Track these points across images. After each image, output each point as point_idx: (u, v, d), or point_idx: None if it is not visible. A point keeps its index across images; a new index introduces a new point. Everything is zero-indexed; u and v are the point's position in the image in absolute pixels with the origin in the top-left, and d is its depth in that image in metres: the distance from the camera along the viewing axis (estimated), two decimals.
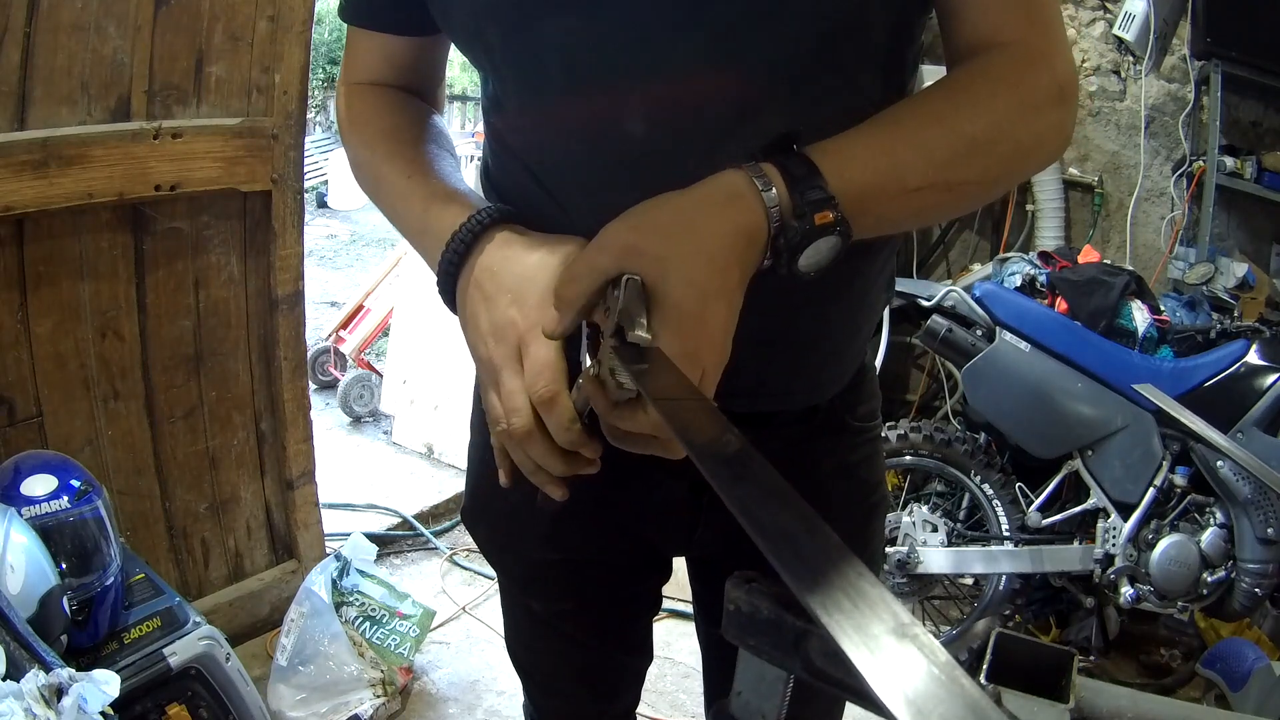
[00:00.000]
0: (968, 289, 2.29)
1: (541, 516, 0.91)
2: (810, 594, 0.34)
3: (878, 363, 2.46)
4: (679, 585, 1.03)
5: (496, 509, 0.96)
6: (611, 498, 0.87)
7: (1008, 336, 2.17)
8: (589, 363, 0.61)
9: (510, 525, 0.95)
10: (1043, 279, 2.47)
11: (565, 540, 0.92)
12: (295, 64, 1.92)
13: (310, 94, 2.07)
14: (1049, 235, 3.01)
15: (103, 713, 1.09)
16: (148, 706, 1.42)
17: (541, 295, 0.62)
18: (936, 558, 2.23)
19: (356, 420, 3.66)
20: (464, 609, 2.51)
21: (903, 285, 2.32)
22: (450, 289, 0.69)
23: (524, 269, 0.64)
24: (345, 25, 0.82)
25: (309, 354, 3.11)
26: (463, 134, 7.77)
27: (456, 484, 3.14)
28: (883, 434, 1.04)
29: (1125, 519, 2.13)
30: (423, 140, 0.80)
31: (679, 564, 1.00)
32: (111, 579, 1.43)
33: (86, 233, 1.71)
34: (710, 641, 1.06)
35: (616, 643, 1.03)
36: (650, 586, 1.01)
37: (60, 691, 1.06)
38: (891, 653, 0.31)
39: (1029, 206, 3.05)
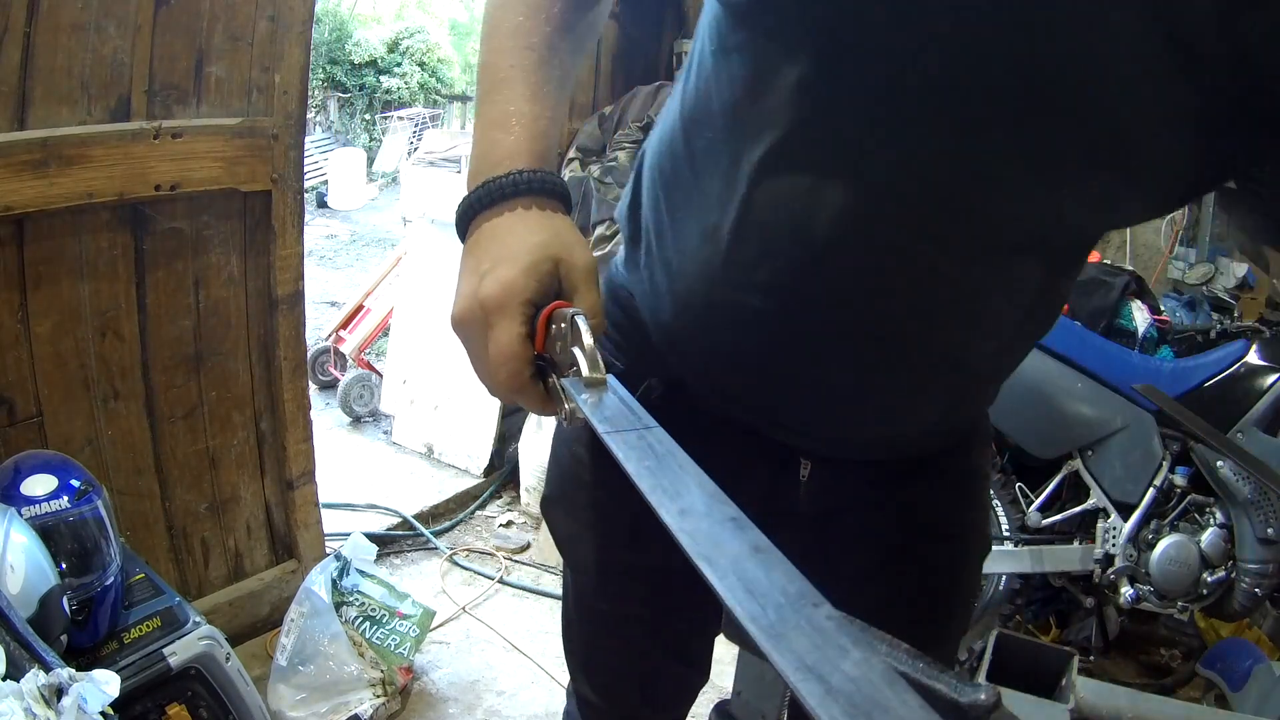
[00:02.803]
0: None
1: (624, 515, 0.89)
2: (761, 633, 0.34)
3: None
4: None
5: (578, 502, 0.93)
6: None
7: None
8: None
9: (590, 520, 0.92)
10: None
11: (646, 543, 0.89)
12: (295, 64, 1.92)
13: (310, 94, 2.07)
14: None
15: (103, 713, 1.09)
16: (148, 706, 1.42)
17: (516, 271, 0.61)
18: None
19: (356, 420, 3.66)
20: (464, 609, 2.51)
21: None
22: (465, 227, 0.69)
23: (518, 241, 0.63)
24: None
25: (309, 354, 3.11)
26: (463, 134, 7.77)
27: (456, 484, 3.14)
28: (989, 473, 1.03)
29: (1125, 519, 2.13)
30: (560, 24, 0.73)
31: None
32: (111, 579, 1.43)
33: (86, 233, 1.71)
34: None
35: (676, 653, 1.01)
36: (720, 605, 0.99)
37: (60, 691, 1.06)
38: (850, 690, 0.31)
39: None
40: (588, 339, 0.57)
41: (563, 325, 0.59)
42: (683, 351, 0.79)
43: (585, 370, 0.56)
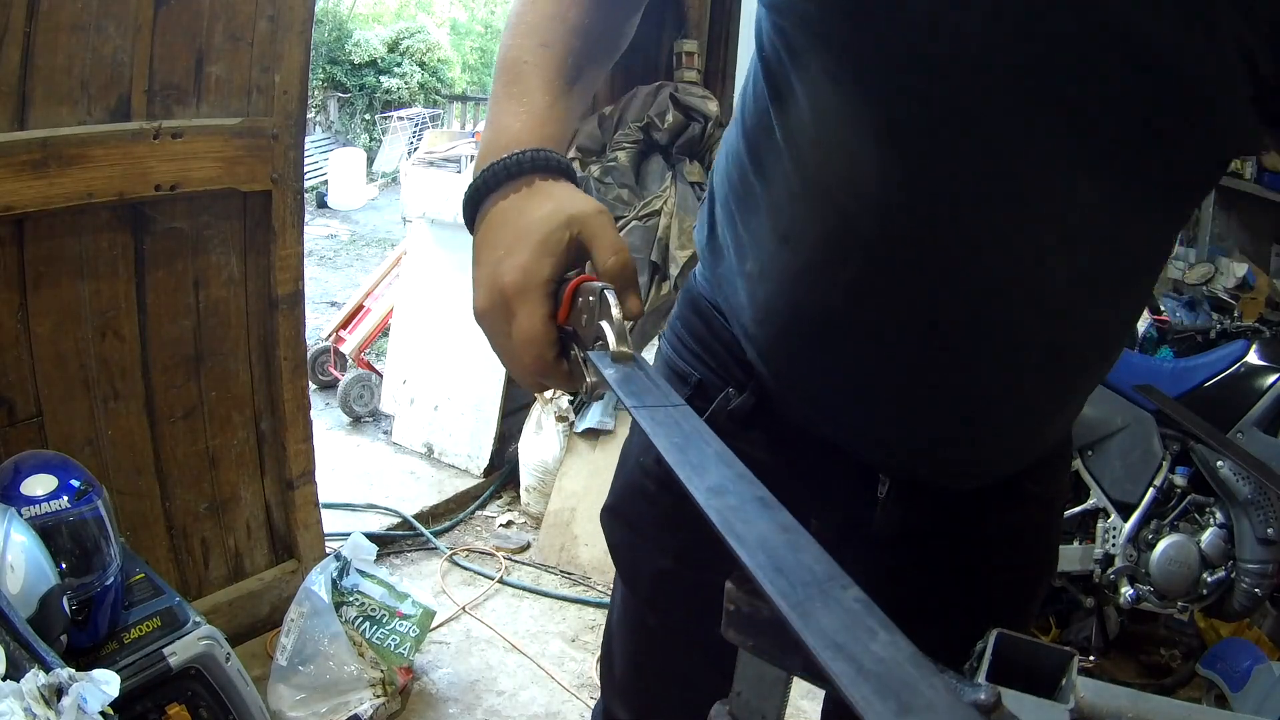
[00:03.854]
0: None
1: (687, 530, 0.87)
2: (791, 610, 0.34)
3: None
4: None
5: (640, 513, 0.92)
6: None
7: None
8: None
9: (651, 532, 0.91)
10: None
11: (701, 561, 0.86)
12: (295, 64, 1.92)
13: (310, 94, 2.07)
14: None
15: (103, 713, 1.09)
16: (148, 706, 1.42)
17: (531, 253, 0.61)
18: None
19: (356, 420, 3.67)
20: (464, 609, 2.51)
21: None
22: (472, 216, 0.68)
23: (528, 220, 0.62)
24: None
25: (309, 354, 3.11)
26: (463, 134, 7.78)
27: (456, 484, 3.14)
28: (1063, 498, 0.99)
29: (1125, 519, 2.13)
30: (581, 19, 0.74)
31: None
32: (111, 579, 1.43)
33: (86, 233, 1.71)
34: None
35: (715, 673, 1.00)
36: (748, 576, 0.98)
37: (60, 691, 1.06)
38: (880, 671, 0.31)
39: None
40: (616, 312, 0.56)
41: (590, 298, 0.58)
42: (768, 361, 0.78)
43: (613, 344, 0.55)
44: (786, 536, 0.40)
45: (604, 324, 0.56)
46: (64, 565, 1.36)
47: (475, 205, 0.67)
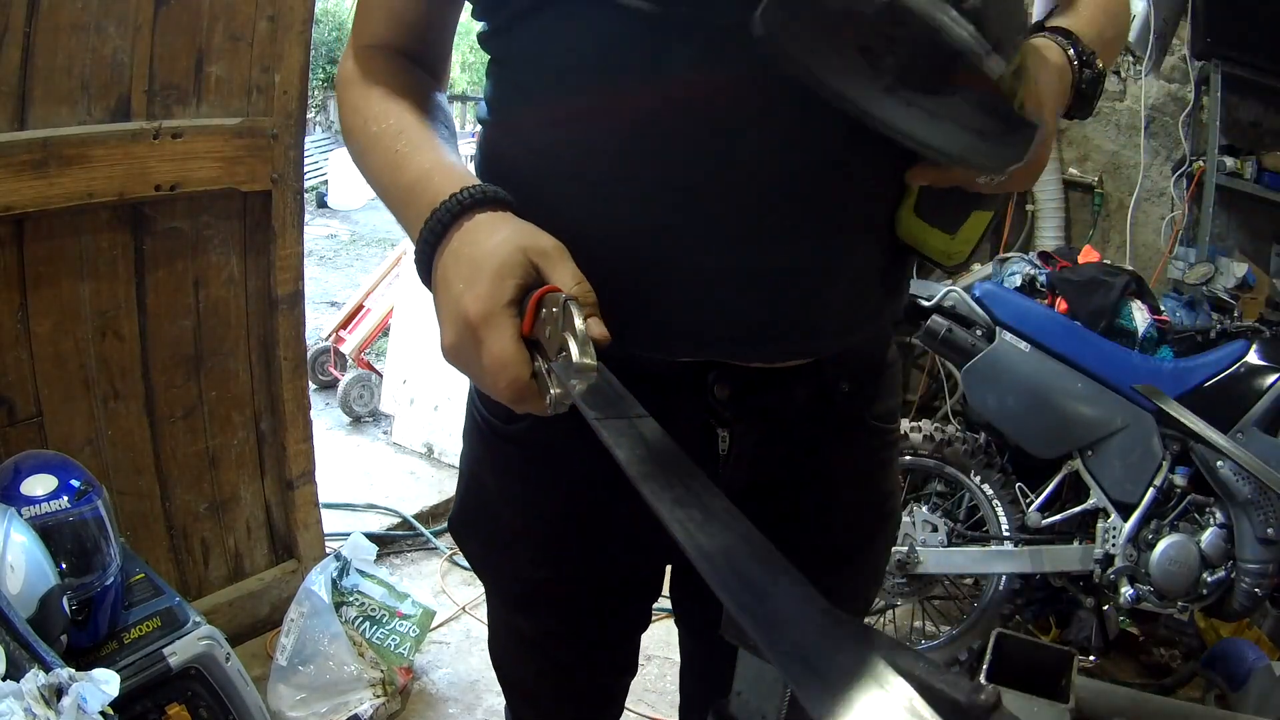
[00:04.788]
0: (968, 289, 2.29)
1: (534, 536, 0.89)
2: (756, 626, 0.34)
3: None
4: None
5: (487, 523, 0.93)
6: (608, 515, 0.84)
7: (1008, 336, 2.17)
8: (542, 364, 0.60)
9: (502, 541, 0.92)
10: (1043, 279, 2.46)
11: (558, 558, 0.89)
12: (295, 64, 1.92)
13: (310, 94, 2.07)
14: (1049, 235, 3.01)
15: (103, 713, 1.09)
16: (148, 706, 1.42)
17: (489, 280, 0.60)
18: (936, 558, 2.23)
19: (356, 420, 3.66)
20: (464, 609, 2.51)
21: None
22: (427, 269, 0.67)
23: (481, 251, 0.62)
24: (349, 20, 0.82)
25: (309, 354, 3.11)
26: (463, 134, 7.77)
27: (456, 484, 3.14)
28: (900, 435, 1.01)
29: (1125, 519, 2.13)
30: (419, 109, 0.76)
31: None
32: (111, 579, 1.43)
33: (86, 233, 1.71)
34: (693, 650, 1.06)
35: (605, 665, 1.01)
36: (643, 606, 0.99)
37: (60, 691, 1.06)
38: (852, 694, 0.31)
39: (1029, 207, 3.05)
40: (579, 323, 0.56)
41: (554, 309, 0.58)
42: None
43: (576, 355, 0.55)
44: (754, 549, 0.40)
45: (567, 335, 0.56)
46: (64, 565, 1.36)
47: (428, 261, 0.66)
